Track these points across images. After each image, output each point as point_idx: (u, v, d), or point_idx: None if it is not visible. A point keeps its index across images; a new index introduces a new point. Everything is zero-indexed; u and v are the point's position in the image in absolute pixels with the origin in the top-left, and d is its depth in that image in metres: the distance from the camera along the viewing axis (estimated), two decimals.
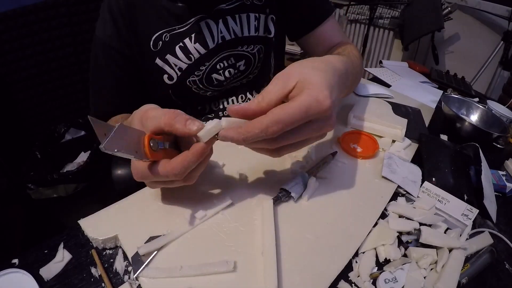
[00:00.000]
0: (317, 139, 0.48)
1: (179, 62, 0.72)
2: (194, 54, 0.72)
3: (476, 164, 0.67)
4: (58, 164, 1.40)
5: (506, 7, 1.85)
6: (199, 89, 0.77)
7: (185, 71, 0.73)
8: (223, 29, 0.73)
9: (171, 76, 0.73)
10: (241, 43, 0.76)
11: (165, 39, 0.70)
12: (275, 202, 0.53)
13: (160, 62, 0.72)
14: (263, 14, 0.76)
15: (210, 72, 0.75)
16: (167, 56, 0.71)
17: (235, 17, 0.74)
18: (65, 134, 1.44)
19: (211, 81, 0.76)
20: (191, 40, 0.71)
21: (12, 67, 1.27)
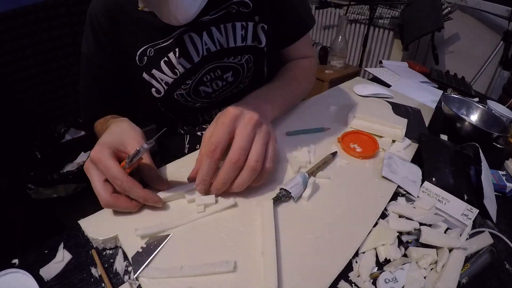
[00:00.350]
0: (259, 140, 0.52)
1: (165, 76, 0.71)
2: (179, 69, 0.70)
3: (476, 164, 0.67)
4: (58, 164, 1.41)
5: (506, 7, 1.85)
6: (187, 101, 0.76)
7: (171, 85, 0.72)
8: (208, 41, 0.70)
9: (158, 90, 0.73)
10: (227, 54, 0.73)
11: (149, 54, 0.69)
12: (275, 202, 0.53)
13: (147, 77, 0.71)
14: (251, 22, 0.72)
15: (197, 85, 0.74)
16: (153, 71, 0.70)
17: (220, 27, 0.70)
18: (65, 134, 1.44)
19: (198, 93, 0.75)
20: (175, 55, 0.69)
21: (12, 67, 1.27)
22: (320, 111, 0.85)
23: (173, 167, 0.61)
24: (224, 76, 0.75)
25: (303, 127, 0.76)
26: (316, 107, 0.87)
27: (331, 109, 0.86)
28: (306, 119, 0.80)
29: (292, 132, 0.73)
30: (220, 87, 0.76)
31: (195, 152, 0.66)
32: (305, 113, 0.83)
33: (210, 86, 0.75)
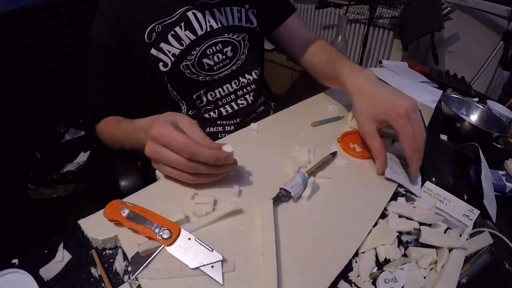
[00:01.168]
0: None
1: (172, 48, 0.77)
2: (185, 40, 0.78)
3: (476, 164, 0.67)
4: (58, 164, 1.40)
5: (506, 7, 1.85)
6: (192, 73, 0.81)
7: (178, 56, 0.78)
8: (210, 19, 0.80)
9: (165, 63, 0.78)
10: (227, 31, 0.83)
11: (157, 30, 0.76)
12: (274, 202, 0.53)
13: (155, 52, 0.76)
14: (243, 8, 0.86)
15: (201, 56, 0.81)
16: (161, 44, 0.76)
17: (220, 10, 0.82)
18: (65, 134, 1.44)
19: (202, 65, 0.82)
20: (182, 28, 0.77)
21: (12, 67, 1.27)
22: (321, 111, 0.85)
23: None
24: (224, 50, 0.84)
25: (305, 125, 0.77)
26: (316, 107, 0.87)
27: (331, 109, 0.86)
28: (307, 118, 0.80)
29: (316, 122, 0.79)
30: (220, 60, 0.84)
31: None
32: (305, 113, 0.83)
33: (212, 59, 0.83)
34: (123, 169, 0.83)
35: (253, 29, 0.89)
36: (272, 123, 0.78)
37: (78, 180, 1.23)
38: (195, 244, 0.45)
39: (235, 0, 0.84)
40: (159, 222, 0.46)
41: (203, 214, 0.50)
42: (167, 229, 0.45)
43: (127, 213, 0.46)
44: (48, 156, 1.34)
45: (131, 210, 0.47)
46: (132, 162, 0.88)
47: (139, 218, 0.46)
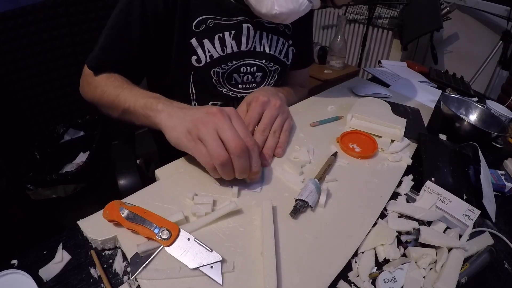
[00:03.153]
0: (280, 123, 0.69)
1: (213, 49, 0.76)
2: (228, 49, 0.78)
3: (475, 164, 0.68)
4: (57, 165, 1.40)
5: (505, 6, 1.86)
6: (218, 82, 0.81)
7: (215, 60, 0.77)
8: (257, 40, 0.81)
9: (199, 59, 0.76)
10: (265, 57, 0.84)
11: (209, 24, 0.74)
12: (294, 214, 0.52)
13: (195, 43, 0.74)
14: (287, 42, 0.88)
15: (234, 71, 0.81)
16: (204, 40, 0.75)
17: (269, 36, 0.83)
18: (64, 135, 1.44)
19: (230, 79, 0.82)
20: (230, 36, 0.77)
21: (10, 67, 1.27)
22: (319, 111, 0.85)
23: (172, 167, 0.61)
24: (256, 74, 0.85)
25: (305, 125, 0.77)
26: (315, 107, 0.87)
27: (330, 109, 0.87)
28: (306, 118, 0.80)
29: (316, 122, 0.79)
30: (248, 82, 0.85)
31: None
32: (305, 113, 0.83)
33: (241, 78, 0.84)
34: (122, 168, 0.82)
35: (286, 65, 0.91)
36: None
37: (78, 181, 1.22)
38: (195, 244, 0.45)
39: (284, 32, 0.85)
40: (159, 223, 0.46)
41: (203, 215, 0.50)
42: (166, 230, 0.45)
43: (127, 213, 0.46)
44: (47, 157, 1.34)
45: (130, 210, 0.47)
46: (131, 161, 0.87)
47: (138, 218, 0.46)
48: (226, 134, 0.50)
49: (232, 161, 0.51)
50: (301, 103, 0.88)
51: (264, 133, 0.66)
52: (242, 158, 0.51)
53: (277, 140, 0.67)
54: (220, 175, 0.53)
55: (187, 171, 0.60)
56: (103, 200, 0.49)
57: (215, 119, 0.51)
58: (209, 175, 0.58)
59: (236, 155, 0.50)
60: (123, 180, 0.79)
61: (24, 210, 1.29)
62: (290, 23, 0.81)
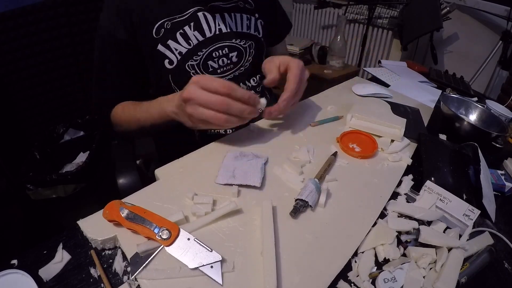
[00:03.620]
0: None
1: (180, 46, 0.78)
2: (193, 40, 0.79)
3: (475, 164, 0.68)
4: (57, 165, 1.40)
5: (505, 6, 1.85)
6: (196, 74, 0.81)
7: (184, 55, 0.79)
8: (220, 23, 0.82)
9: (171, 60, 0.78)
10: (235, 36, 0.85)
11: (166, 26, 0.76)
12: (294, 214, 0.52)
13: (162, 48, 0.77)
14: (253, 16, 0.88)
15: (207, 58, 0.82)
16: (168, 41, 0.77)
17: (231, 15, 0.84)
18: (64, 135, 1.44)
19: (207, 67, 0.83)
20: (191, 28, 0.78)
21: (10, 67, 1.27)
22: (319, 111, 0.85)
23: (171, 167, 0.61)
24: (230, 55, 0.85)
25: (304, 125, 0.77)
26: (315, 107, 0.87)
27: (330, 109, 0.87)
28: (306, 118, 0.80)
29: (316, 122, 0.79)
30: (225, 64, 0.85)
31: (191, 154, 0.65)
32: (304, 113, 0.83)
33: (217, 62, 0.84)
34: (121, 168, 0.82)
35: (258, 38, 0.90)
36: (271, 123, 0.78)
37: (77, 181, 1.22)
38: (195, 244, 0.45)
39: (245, 8, 0.86)
40: (158, 223, 0.46)
41: (202, 214, 0.50)
42: (166, 230, 0.45)
43: (126, 213, 0.46)
44: (47, 157, 1.34)
45: (130, 210, 0.47)
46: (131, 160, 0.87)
47: (138, 218, 0.46)
48: (207, 104, 0.57)
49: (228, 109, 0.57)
50: (301, 103, 0.88)
51: (302, 82, 0.71)
52: (232, 105, 0.58)
53: (301, 94, 0.73)
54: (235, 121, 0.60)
55: (187, 171, 0.60)
56: (103, 200, 0.49)
57: (191, 101, 0.58)
58: (209, 175, 0.59)
59: (226, 109, 0.57)
60: (122, 179, 0.79)
61: (24, 210, 1.29)
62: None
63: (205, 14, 0.79)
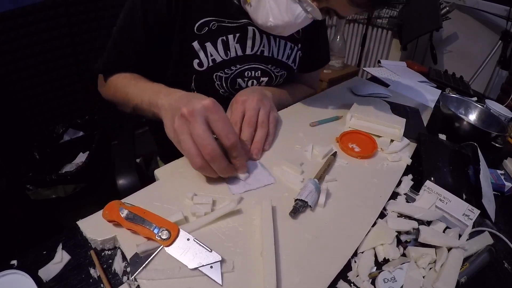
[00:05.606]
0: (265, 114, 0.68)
1: (216, 53, 0.74)
2: (231, 52, 0.75)
3: (475, 164, 0.68)
4: (56, 165, 1.40)
5: (504, 6, 1.86)
6: (220, 86, 0.79)
7: (217, 64, 0.75)
8: (266, 44, 0.79)
9: (201, 63, 0.74)
10: (272, 62, 0.82)
11: (212, 27, 0.72)
12: (294, 215, 0.52)
13: (197, 46, 0.72)
14: (296, 46, 0.85)
15: (237, 75, 0.79)
16: (207, 43, 0.73)
17: (276, 39, 0.80)
18: (63, 135, 1.44)
19: (234, 84, 0.80)
20: (234, 39, 0.74)
21: (10, 67, 1.27)
22: (319, 111, 0.85)
23: (171, 167, 0.61)
24: (261, 79, 0.83)
25: (304, 125, 0.77)
26: (315, 107, 0.87)
27: (330, 109, 0.87)
28: (306, 118, 0.80)
29: (315, 122, 0.79)
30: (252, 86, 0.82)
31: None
32: (304, 113, 0.83)
33: (246, 82, 0.81)
34: (121, 168, 0.82)
35: (292, 70, 0.88)
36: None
37: (77, 181, 1.22)
38: (194, 244, 0.45)
39: (293, 36, 0.82)
40: (158, 223, 0.46)
41: (202, 215, 0.50)
42: (166, 230, 0.45)
43: (126, 213, 0.46)
44: (47, 157, 1.34)
45: (130, 210, 0.47)
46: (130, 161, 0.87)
47: (138, 218, 0.46)
48: (197, 141, 0.50)
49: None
50: (300, 103, 0.88)
51: (250, 125, 0.64)
52: (216, 161, 0.51)
53: (265, 132, 0.66)
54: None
55: (187, 171, 0.60)
56: (103, 200, 0.49)
57: (187, 124, 0.50)
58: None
59: (210, 160, 0.50)
60: (122, 180, 0.79)
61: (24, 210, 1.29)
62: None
63: (255, 30, 0.75)
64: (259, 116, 0.66)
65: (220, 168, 0.52)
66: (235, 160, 0.55)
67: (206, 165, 0.51)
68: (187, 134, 0.50)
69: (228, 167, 0.53)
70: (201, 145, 0.50)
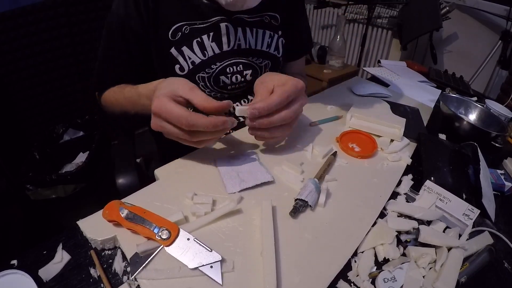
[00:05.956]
0: (299, 114, 0.64)
1: (194, 55, 0.74)
2: (208, 52, 0.75)
3: (475, 163, 0.68)
4: (56, 165, 1.40)
5: (504, 6, 1.86)
6: (205, 87, 0.79)
7: (197, 65, 0.75)
8: (241, 37, 0.78)
9: (182, 68, 0.75)
10: (252, 54, 0.81)
11: (184, 31, 0.73)
12: (294, 214, 0.52)
13: (175, 52, 0.73)
14: (276, 34, 0.83)
15: (219, 73, 0.78)
16: (183, 47, 0.73)
17: (253, 30, 0.79)
18: (63, 135, 1.44)
19: (218, 81, 0.79)
20: (209, 38, 0.74)
21: (10, 67, 1.27)
22: (319, 111, 0.85)
23: (171, 167, 0.61)
24: (244, 73, 0.81)
25: (304, 125, 0.77)
26: (315, 107, 0.87)
27: (330, 109, 0.87)
28: (306, 118, 0.80)
29: (315, 122, 0.79)
30: (237, 82, 0.81)
31: (190, 153, 0.65)
32: (304, 113, 0.83)
33: (229, 79, 0.80)
34: (120, 167, 0.82)
35: (277, 58, 0.86)
36: None
37: (77, 181, 1.22)
38: (194, 244, 0.45)
39: (270, 24, 0.81)
40: (158, 223, 0.46)
41: (202, 214, 0.50)
42: (166, 230, 0.45)
43: (126, 213, 0.46)
44: (47, 157, 1.34)
45: (130, 210, 0.47)
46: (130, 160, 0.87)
47: (138, 218, 0.46)
48: (171, 119, 0.52)
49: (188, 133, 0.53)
50: None
51: (282, 101, 0.58)
52: (195, 122, 0.51)
53: (285, 119, 0.59)
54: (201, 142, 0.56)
55: (187, 171, 0.60)
56: (103, 200, 0.49)
57: (158, 116, 0.53)
58: (208, 175, 0.59)
59: (190, 126, 0.51)
60: (121, 179, 0.79)
61: (24, 210, 1.29)
62: (277, 13, 0.80)
63: (228, 25, 0.75)
64: (292, 106, 0.60)
65: (205, 124, 0.51)
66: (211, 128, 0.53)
67: (195, 133, 0.53)
68: (164, 122, 0.53)
69: (214, 119, 0.52)
70: (176, 121, 0.51)
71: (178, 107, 0.51)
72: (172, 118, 0.51)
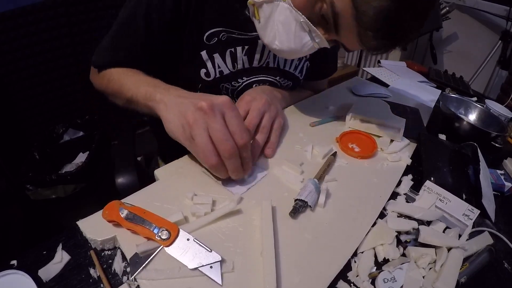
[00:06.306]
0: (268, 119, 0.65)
1: (223, 65, 0.73)
2: (239, 64, 0.75)
3: (475, 164, 0.68)
4: (56, 165, 1.40)
5: (504, 6, 1.85)
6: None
7: (224, 76, 0.75)
8: (271, 56, 0.78)
9: (208, 73, 0.73)
10: (279, 74, 0.82)
11: (221, 37, 0.71)
12: (293, 215, 0.52)
13: (205, 56, 0.71)
14: (304, 57, 0.84)
15: (245, 88, 0.78)
16: (215, 54, 0.72)
17: None
18: (63, 135, 1.44)
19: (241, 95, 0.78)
20: (243, 51, 0.74)
21: (10, 67, 1.27)
22: (319, 111, 0.85)
23: (171, 167, 0.61)
24: None
25: (304, 125, 0.77)
26: (315, 107, 0.87)
27: (330, 109, 0.87)
28: (305, 118, 0.80)
29: (315, 122, 0.78)
30: None
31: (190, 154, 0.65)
32: (304, 113, 0.83)
33: None
34: (120, 167, 0.82)
35: (299, 80, 0.88)
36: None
37: (77, 181, 1.22)
38: (194, 244, 0.45)
39: None
40: (158, 223, 0.46)
41: (202, 215, 0.50)
42: (165, 230, 0.45)
43: (126, 213, 0.46)
44: (46, 157, 1.34)
45: (129, 210, 0.47)
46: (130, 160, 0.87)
47: (137, 218, 0.46)
48: (215, 136, 0.49)
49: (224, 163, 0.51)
50: (300, 103, 0.88)
51: (249, 128, 0.62)
52: (233, 159, 0.51)
53: (265, 138, 0.64)
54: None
55: (187, 171, 0.60)
56: (103, 200, 0.49)
57: (205, 117, 0.49)
58: (208, 175, 0.59)
59: (226, 158, 0.50)
60: (121, 179, 0.79)
61: (24, 210, 1.29)
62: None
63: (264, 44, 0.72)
64: (262, 120, 0.64)
65: (233, 167, 0.52)
66: (244, 160, 0.54)
67: (221, 163, 0.51)
68: (203, 129, 0.49)
69: (240, 167, 0.53)
70: (219, 140, 0.49)
71: (227, 134, 0.49)
72: (234, 124, 0.50)
